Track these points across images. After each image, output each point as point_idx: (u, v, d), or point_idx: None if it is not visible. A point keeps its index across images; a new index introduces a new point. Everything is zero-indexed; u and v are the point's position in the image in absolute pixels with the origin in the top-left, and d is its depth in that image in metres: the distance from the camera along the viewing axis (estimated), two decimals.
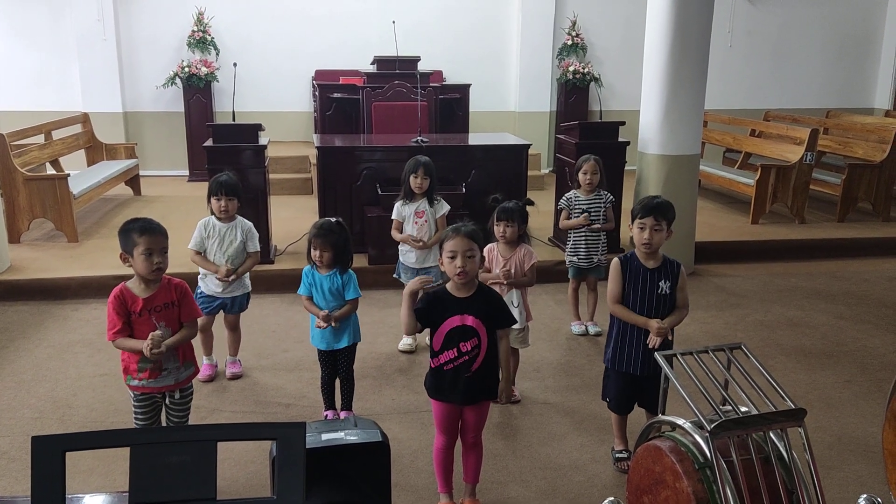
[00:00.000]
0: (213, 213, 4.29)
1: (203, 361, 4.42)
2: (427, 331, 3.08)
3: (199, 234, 4.25)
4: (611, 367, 3.45)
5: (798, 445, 2.28)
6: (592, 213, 5.08)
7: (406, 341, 4.89)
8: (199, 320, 4.29)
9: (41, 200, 6.58)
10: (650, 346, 3.23)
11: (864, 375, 4.58)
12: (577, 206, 5.11)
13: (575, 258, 5.13)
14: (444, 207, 4.87)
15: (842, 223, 7.85)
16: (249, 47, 9.73)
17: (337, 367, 3.88)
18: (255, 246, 4.30)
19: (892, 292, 6.15)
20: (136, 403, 3.14)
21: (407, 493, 3.32)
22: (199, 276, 4.33)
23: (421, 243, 4.78)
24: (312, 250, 3.72)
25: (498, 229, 4.01)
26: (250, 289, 4.43)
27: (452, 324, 2.97)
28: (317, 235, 3.70)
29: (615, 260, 3.41)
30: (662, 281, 3.31)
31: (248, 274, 4.39)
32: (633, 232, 3.37)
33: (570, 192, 5.22)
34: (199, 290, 4.29)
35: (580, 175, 5.14)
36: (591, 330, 5.17)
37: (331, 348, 3.80)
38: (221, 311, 4.39)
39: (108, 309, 3.03)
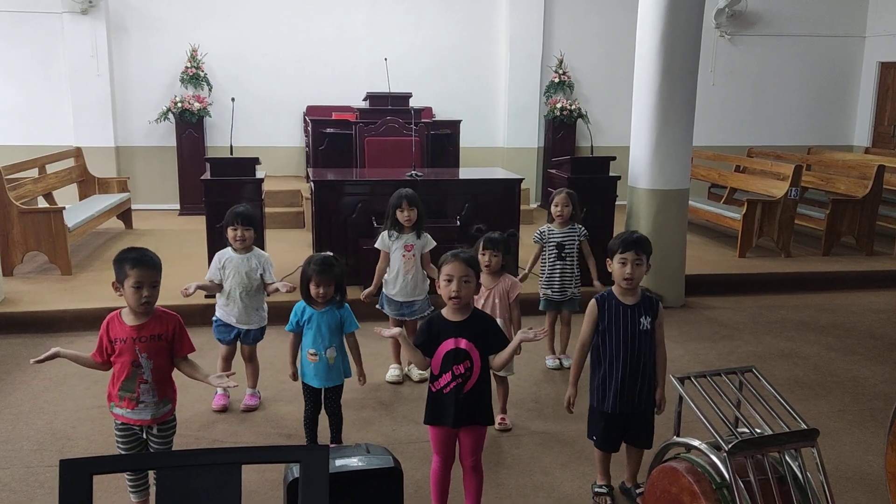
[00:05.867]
0: (230, 245, 4.32)
1: (217, 391, 4.44)
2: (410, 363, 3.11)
3: (214, 265, 4.30)
4: (595, 407, 3.40)
5: (811, 466, 2.34)
6: (566, 247, 5.09)
7: (393, 372, 4.91)
8: (221, 350, 4.35)
9: (35, 233, 6.57)
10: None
11: (857, 405, 4.65)
12: (550, 240, 5.11)
13: (549, 291, 5.13)
14: (432, 243, 4.85)
15: (826, 257, 8.00)
16: (241, 83, 9.84)
17: (322, 402, 3.84)
18: (271, 276, 4.33)
19: (879, 324, 6.26)
20: (116, 431, 3.15)
21: None
22: (216, 305, 4.37)
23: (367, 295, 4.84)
24: (313, 287, 3.66)
25: (483, 258, 4.05)
26: (266, 322, 4.46)
27: (447, 347, 3.03)
28: (320, 272, 3.64)
29: (592, 301, 3.36)
30: (643, 317, 3.27)
31: (265, 307, 4.43)
32: (612, 268, 3.33)
33: (544, 226, 5.19)
34: (216, 318, 4.33)
35: (552, 208, 5.14)
36: (566, 363, 5.18)
37: (322, 386, 3.75)
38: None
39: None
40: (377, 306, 4.98)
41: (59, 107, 9.62)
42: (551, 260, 5.11)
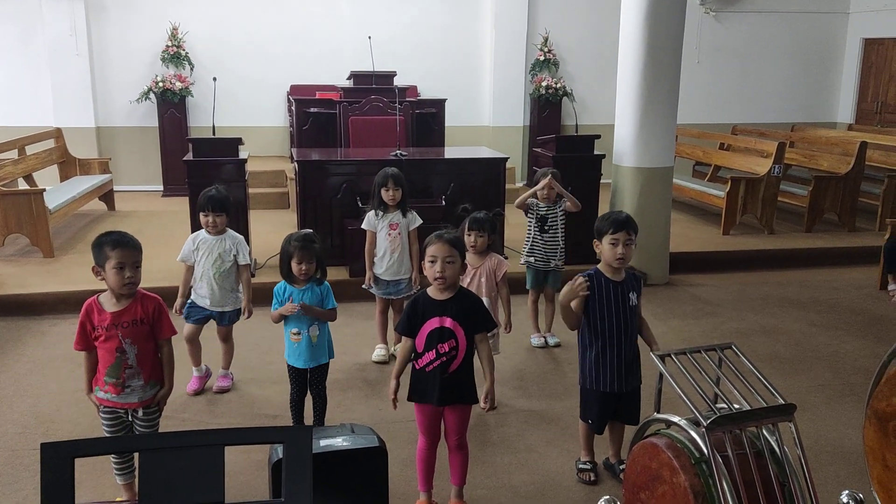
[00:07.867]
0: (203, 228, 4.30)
1: (193, 373, 4.42)
2: (399, 343, 3.12)
3: (187, 246, 4.27)
4: (590, 388, 3.38)
5: (788, 440, 2.37)
6: (549, 220, 5.13)
7: (379, 352, 4.92)
8: (185, 330, 4.31)
9: (16, 216, 6.51)
10: None
11: (837, 379, 4.72)
12: (536, 211, 5.15)
13: (532, 259, 5.17)
14: (417, 220, 4.89)
15: (809, 233, 8.07)
16: (223, 62, 9.72)
17: (307, 384, 3.82)
18: (245, 258, 4.31)
19: (860, 300, 6.33)
20: (101, 415, 3.13)
21: (399, 502, 3.34)
22: (191, 288, 4.34)
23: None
24: (295, 264, 3.64)
25: (468, 239, 4.07)
26: (241, 304, 4.43)
27: (432, 325, 3.04)
28: (302, 248, 3.63)
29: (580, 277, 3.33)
30: (631, 293, 3.31)
31: (240, 288, 4.40)
32: (601, 249, 3.31)
33: (531, 199, 5.24)
34: (190, 301, 4.32)
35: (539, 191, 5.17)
36: (551, 341, 5.23)
37: (307, 366, 3.73)
38: (212, 323, 4.40)
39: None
40: (363, 287, 4.99)
41: (39, 87, 9.48)
42: (534, 231, 5.16)
